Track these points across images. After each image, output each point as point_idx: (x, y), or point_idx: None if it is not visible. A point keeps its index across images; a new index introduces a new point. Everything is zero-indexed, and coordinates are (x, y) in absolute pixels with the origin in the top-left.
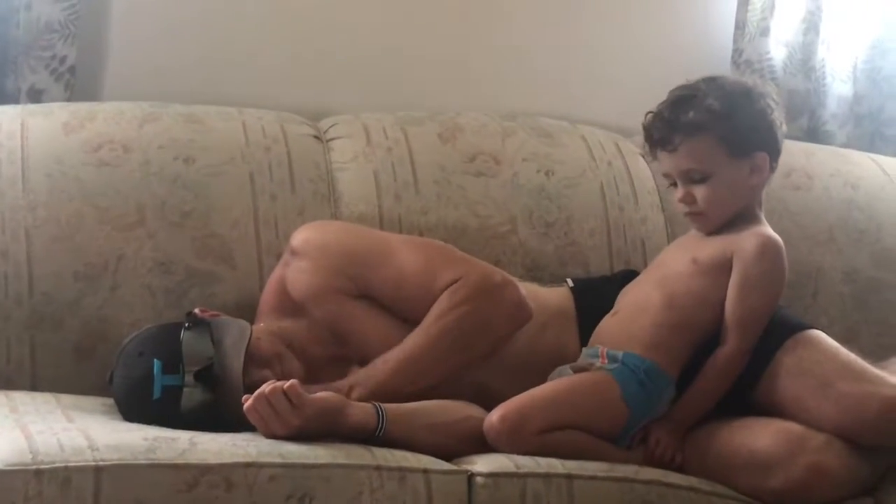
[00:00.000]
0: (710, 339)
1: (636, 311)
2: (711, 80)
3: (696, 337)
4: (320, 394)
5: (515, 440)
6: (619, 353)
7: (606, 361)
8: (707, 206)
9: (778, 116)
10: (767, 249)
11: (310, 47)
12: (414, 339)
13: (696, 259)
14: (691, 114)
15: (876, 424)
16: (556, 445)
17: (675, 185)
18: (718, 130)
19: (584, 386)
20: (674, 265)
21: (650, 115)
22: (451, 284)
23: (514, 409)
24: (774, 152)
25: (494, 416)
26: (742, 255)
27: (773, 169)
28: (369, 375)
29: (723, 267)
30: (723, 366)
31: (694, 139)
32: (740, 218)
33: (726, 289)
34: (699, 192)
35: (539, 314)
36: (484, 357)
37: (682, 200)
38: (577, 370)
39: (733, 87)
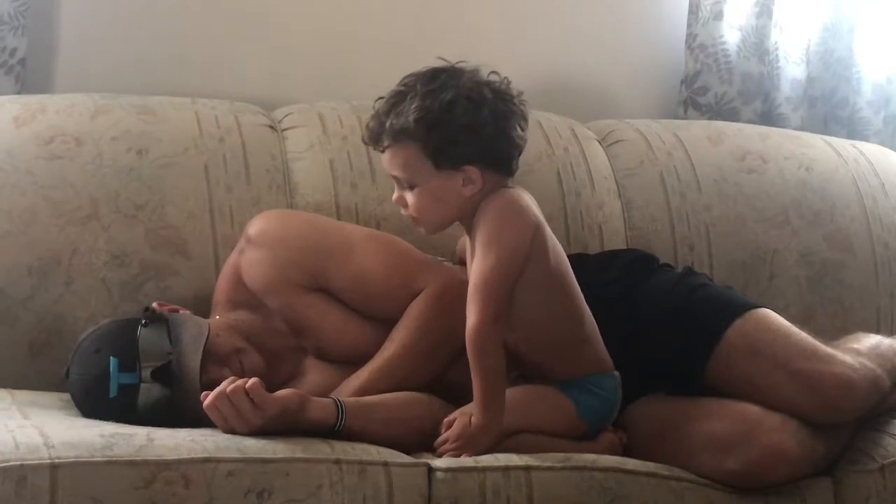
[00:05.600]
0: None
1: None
2: (431, 80)
3: (584, 326)
4: (281, 392)
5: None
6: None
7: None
8: (417, 213)
9: (499, 123)
10: (487, 212)
11: (263, 36)
12: (386, 353)
13: None
14: (396, 120)
15: (828, 403)
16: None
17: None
18: (421, 142)
19: (539, 399)
20: None
21: (377, 102)
22: (415, 292)
23: None
24: (492, 164)
25: None
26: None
27: (508, 173)
28: (343, 391)
29: None
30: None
31: (398, 146)
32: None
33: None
34: (409, 198)
35: None
36: (451, 363)
37: (396, 202)
38: None
39: (446, 94)
